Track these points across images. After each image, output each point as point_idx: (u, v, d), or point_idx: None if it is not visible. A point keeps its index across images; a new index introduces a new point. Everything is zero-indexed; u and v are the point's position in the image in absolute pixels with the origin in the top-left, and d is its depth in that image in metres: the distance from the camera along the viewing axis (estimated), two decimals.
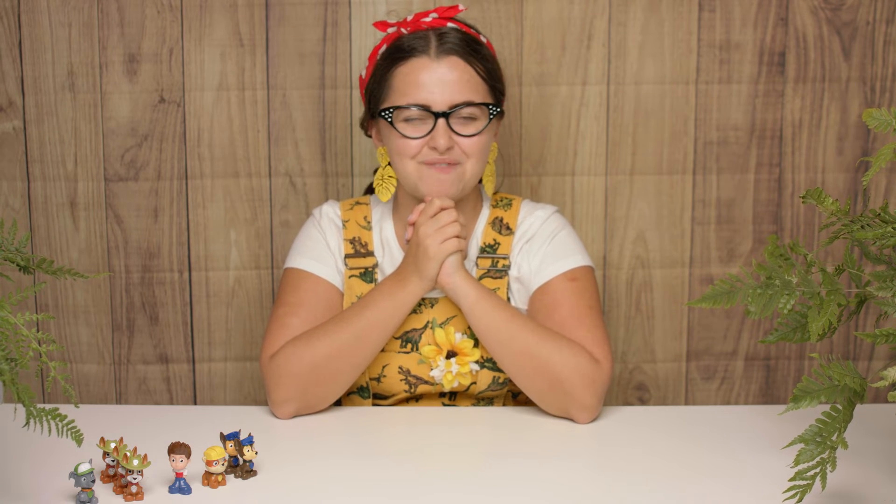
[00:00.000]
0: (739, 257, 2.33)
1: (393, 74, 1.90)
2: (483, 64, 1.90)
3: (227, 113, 2.27)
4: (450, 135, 1.86)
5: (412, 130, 1.88)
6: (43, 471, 1.59)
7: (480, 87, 1.89)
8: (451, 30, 1.90)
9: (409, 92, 1.87)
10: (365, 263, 1.96)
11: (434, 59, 1.87)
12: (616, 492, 1.54)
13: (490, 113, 1.89)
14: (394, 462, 1.65)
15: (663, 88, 2.27)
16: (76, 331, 2.34)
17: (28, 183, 2.29)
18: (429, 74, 1.87)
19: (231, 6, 2.23)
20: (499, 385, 1.91)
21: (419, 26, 1.91)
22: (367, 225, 2.00)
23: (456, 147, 1.87)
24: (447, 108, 1.86)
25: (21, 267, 1.56)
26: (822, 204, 1.56)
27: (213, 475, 1.55)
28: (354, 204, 2.03)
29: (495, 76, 1.93)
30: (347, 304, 1.94)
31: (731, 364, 2.38)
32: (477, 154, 1.89)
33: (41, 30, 2.23)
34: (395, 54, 1.91)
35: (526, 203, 2.02)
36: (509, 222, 1.98)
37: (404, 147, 1.88)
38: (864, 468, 1.60)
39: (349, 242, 1.98)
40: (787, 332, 1.55)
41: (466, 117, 1.88)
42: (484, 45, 1.93)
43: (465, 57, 1.88)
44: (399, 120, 1.88)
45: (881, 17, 2.25)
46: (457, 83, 1.87)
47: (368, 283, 1.95)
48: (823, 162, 2.30)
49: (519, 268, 1.95)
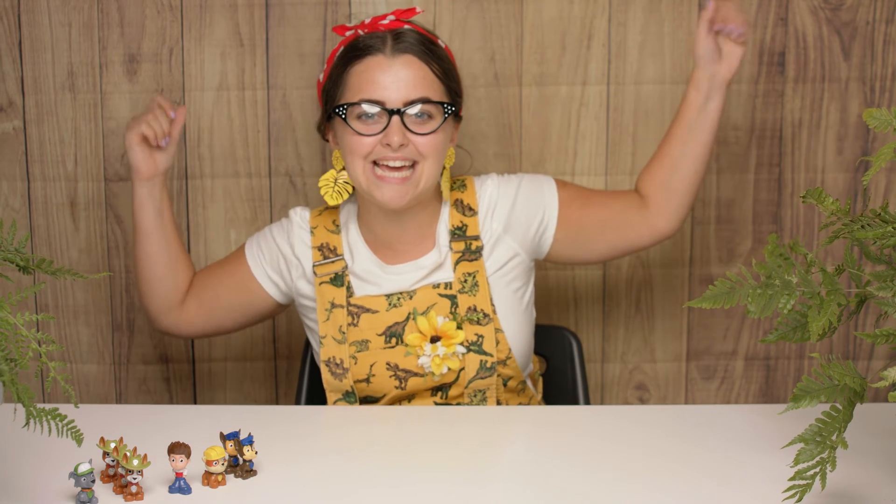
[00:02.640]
0: (739, 257, 2.33)
1: (348, 73, 1.89)
2: (439, 64, 1.89)
3: (227, 113, 2.27)
4: (404, 132, 1.85)
5: (365, 128, 1.86)
6: (43, 471, 1.59)
7: (436, 86, 1.88)
8: (408, 31, 1.89)
9: (364, 89, 1.86)
10: (334, 268, 1.95)
11: (389, 57, 1.86)
12: (616, 492, 1.54)
13: (445, 112, 1.88)
14: (392, 460, 1.65)
15: (663, 88, 2.27)
16: (76, 331, 2.34)
17: (28, 183, 2.29)
18: (384, 72, 1.86)
19: (231, 6, 2.23)
20: (487, 370, 1.91)
21: (377, 28, 1.90)
22: (335, 229, 1.98)
23: (411, 146, 1.86)
24: (402, 104, 1.85)
25: (20, 267, 1.56)
26: (822, 204, 1.56)
27: (213, 475, 1.55)
28: (324, 209, 2.02)
29: (452, 77, 1.92)
30: (320, 312, 1.94)
31: (731, 364, 2.38)
32: (433, 154, 1.87)
33: (41, 30, 2.23)
34: (350, 53, 1.90)
35: (477, 179, 2.01)
36: (470, 202, 1.98)
37: (357, 145, 1.86)
38: (864, 468, 1.60)
39: (317, 250, 1.97)
40: (787, 331, 1.54)
41: (421, 115, 1.86)
42: (440, 48, 1.93)
43: (420, 56, 1.87)
44: (353, 118, 1.87)
45: (881, 17, 2.25)
46: (412, 80, 1.86)
47: (339, 286, 1.94)
48: (823, 162, 2.30)
49: (496, 234, 1.96)
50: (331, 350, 1.93)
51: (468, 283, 1.93)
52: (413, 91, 1.86)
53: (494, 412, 1.88)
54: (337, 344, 1.93)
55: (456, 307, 1.92)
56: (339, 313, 1.93)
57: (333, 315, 1.94)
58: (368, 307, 1.93)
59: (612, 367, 2.39)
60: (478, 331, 1.92)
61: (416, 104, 1.85)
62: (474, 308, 1.92)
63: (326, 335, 1.94)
